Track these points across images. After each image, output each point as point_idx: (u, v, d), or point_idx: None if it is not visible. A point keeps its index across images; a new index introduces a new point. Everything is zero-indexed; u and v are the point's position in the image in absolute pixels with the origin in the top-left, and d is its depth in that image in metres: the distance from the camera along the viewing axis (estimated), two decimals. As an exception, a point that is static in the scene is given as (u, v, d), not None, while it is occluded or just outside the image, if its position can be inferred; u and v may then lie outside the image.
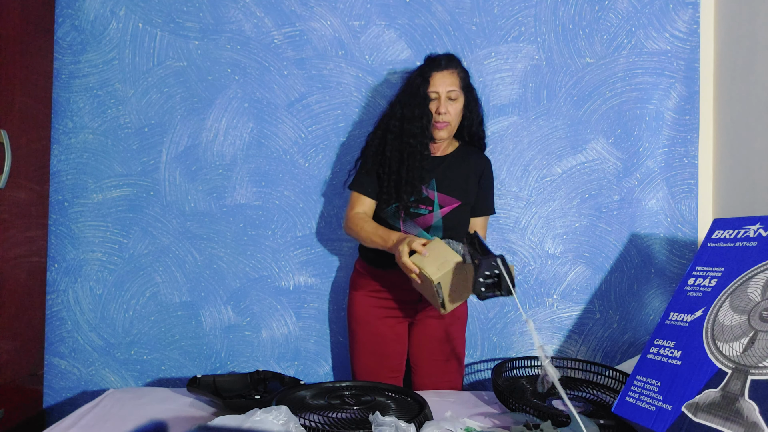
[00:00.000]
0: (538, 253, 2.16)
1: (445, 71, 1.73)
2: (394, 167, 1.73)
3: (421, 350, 1.86)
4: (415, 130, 1.71)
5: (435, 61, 1.75)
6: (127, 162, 2.16)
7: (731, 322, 1.17)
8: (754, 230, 1.31)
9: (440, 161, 1.80)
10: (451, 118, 1.74)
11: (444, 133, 1.75)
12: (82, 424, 1.36)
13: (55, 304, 2.15)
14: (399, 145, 1.73)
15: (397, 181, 1.72)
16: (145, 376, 2.16)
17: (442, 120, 1.72)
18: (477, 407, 1.51)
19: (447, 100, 1.72)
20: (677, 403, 1.13)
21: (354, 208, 1.80)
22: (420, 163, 1.72)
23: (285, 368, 2.15)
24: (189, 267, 2.15)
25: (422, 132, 1.71)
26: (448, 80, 1.72)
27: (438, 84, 1.71)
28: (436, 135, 1.75)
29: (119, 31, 2.15)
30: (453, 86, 1.72)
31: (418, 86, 1.72)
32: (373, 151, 1.79)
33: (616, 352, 2.15)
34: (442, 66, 1.73)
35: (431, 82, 1.71)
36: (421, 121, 1.70)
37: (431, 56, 1.78)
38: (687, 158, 2.15)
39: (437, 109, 1.71)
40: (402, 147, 1.72)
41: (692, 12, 2.13)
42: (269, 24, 2.15)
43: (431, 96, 1.72)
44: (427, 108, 1.71)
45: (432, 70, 1.72)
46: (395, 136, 1.74)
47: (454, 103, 1.74)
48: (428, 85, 1.71)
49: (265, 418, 1.16)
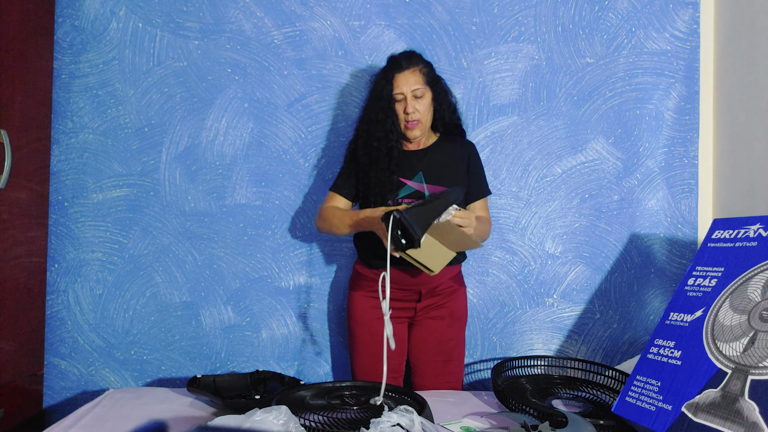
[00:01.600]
0: (538, 253, 2.16)
1: (407, 71, 1.74)
2: (365, 169, 1.77)
3: (420, 350, 1.86)
4: (380, 133, 1.74)
5: (396, 62, 1.76)
6: (127, 162, 2.16)
7: (731, 322, 1.17)
8: (754, 230, 1.31)
9: (423, 154, 1.82)
10: (421, 116, 1.76)
11: (417, 131, 1.78)
12: (82, 424, 1.36)
13: (55, 304, 2.15)
14: (368, 149, 1.77)
15: (367, 182, 1.77)
16: (145, 376, 2.16)
17: (412, 119, 1.75)
18: (477, 407, 1.51)
19: (413, 98, 1.74)
20: (677, 403, 1.13)
21: (327, 202, 1.86)
22: (387, 164, 1.74)
23: (285, 368, 2.15)
24: (189, 267, 2.15)
25: (387, 135, 1.74)
26: (411, 79, 1.73)
27: (401, 85, 1.73)
28: (410, 134, 1.78)
29: (119, 31, 2.15)
30: (417, 84, 1.74)
31: (382, 89, 1.74)
32: (349, 156, 1.85)
33: (616, 352, 2.15)
34: (403, 66, 1.74)
35: (395, 84, 1.73)
36: (385, 124, 1.74)
37: (392, 57, 1.79)
38: (687, 158, 2.15)
39: (405, 109, 1.74)
40: (370, 150, 1.76)
41: (692, 12, 2.13)
42: (269, 24, 2.15)
43: (397, 98, 1.74)
44: (392, 110, 1.74)
45: (393, 72, 1.74)
46: (364, 140, 1.78)
47: (421, 100, 1.76)
48: (392, 87, 1.73)
49: (265, 418, 1.16)
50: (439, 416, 1.40)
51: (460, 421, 1.39)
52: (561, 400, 1.52)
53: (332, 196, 1.87)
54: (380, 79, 1.77)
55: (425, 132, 1.82)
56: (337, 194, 1.85)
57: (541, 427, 1.18)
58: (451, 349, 1.85)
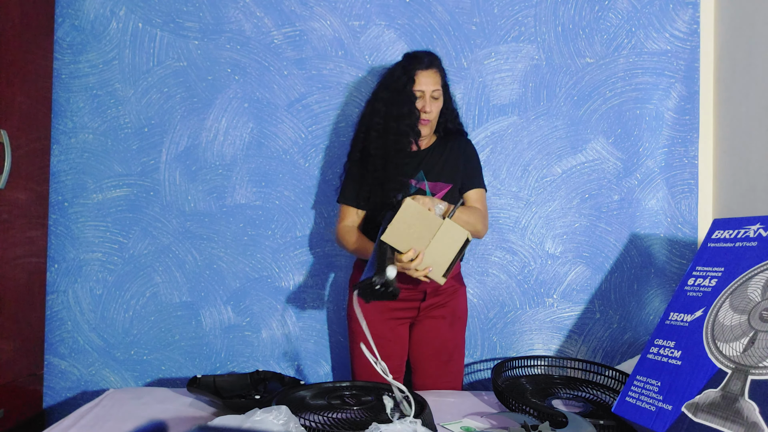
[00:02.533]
0: (538, 253, 2.16)
1: (429, 70, 1.73)
2: (379, 165, 1.73)
3: (421, 350, 1.86)
4: (402, 128, 1.71)
5: (418, 58, 1.75)
6: (127, 162, 2.16)
7: (731, 322, 1.17)
8: (754, 230, 1.31)
9: (424, 154, 1.82)
10: (433, 117, 1.76)
11: (425, 130, 1.77)
12: (82, 424, 1.36)
13: (55, 305, 2.15)
14: (383, 143, 1.73)
15: (382, 179, 1.73)
16: (145, 376, 2.16)
17: (425, 118, 1.74)
18: (477, 407, 1.51)
19: (431, 99, 1.74)
20: (677, 403, 1.13)
21: (342, 220, 1.83)
22: (405, 159, 1.74)
23: (285, 368, 2.15)
24: (189, 267, 2.15)
25: (409, 130, 1.72)
26: (432, 79, 1.73)
27: (423, 83, 1.72)
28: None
29: (119, 31, 2.15)
30: (436, 86, 1.74)
31: (404, 84, 1.71)
32: (357, 154, 1.80)
33: (616, 352, 2.15)
34: (426, 64, 1.73)
35: (417, 80, 1.72)
36: (409, 118, 1.71)
37: (413, 54, 1.78)
38: (687, 158, 2.15)
39: (423, 107, 1.73)
40: (387, 144, 1.73)
41: (692, 12, 2.13)
42: (269, 24, 2.15)
43: (416, 94, 1.72)
44: (414, 106, 1.72)
45: (416, 68, 1.72)
46: (379, 134, 1.75)
47: (437, 102, 1.76)
48: (413, 83, 1.71)
49: (265, 418, 1.16)
50: (439, 416, 1.40)
51: (460, 421, 1.39)
52: (561, 400, 1.52)
53: (345, 210, 1.82)
54: (400, 74, 1.73)
55: (430, 134, 1.82)
56: (350, 207, 1.81)
57: (541, 427, 1.18)
58: (452, 349, 1.85)
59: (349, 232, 1.79)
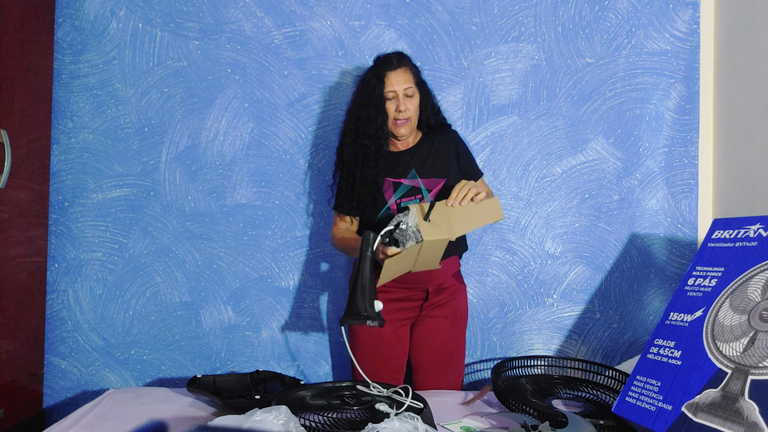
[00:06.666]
0: (538, 253, 2.16)
1: (399, 69, 1.74)
2: (350, 169, 1.77)
3: (421, 350, 1.86)
4: (369, 131, 1.74)
5: (386, 60, 1.76)
6: (127, 162, 2.16)
7: (731, 322, 1.17)
8: (754, 230, 1.31)
9: (412, 152, 1.82)
10: (411, 114, 1.76)
11: (405, 129, 1.77)
12: (82, 424, 1.36)
13: (55, 304, 2.15)
14: (355, 147, 1.76)
15: (351, 182, 1.77)
16: (145, 376, 2.16)
17: (402, 117, 1.74)
18: (477, 407, 1.51)
19: (405, 97, 1.74)
20: (677, 403, 1.13)
21: (336, 225, 1.88)
22: (374, 163, 1.75)
23: (285, 368, 2.15)
24: (189, 267, 2.15)
25: (377, 133, 1.74)
26: (403, 78, 1.73)
27: (394, 83, 1.72)
28: (398, 132, 1.77)
29: (119, 31, 2.15)
30: (408, 83, 1.74)
31: (373, 87, 1.73)
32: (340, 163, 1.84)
33: (616, 352, 2.15)
34: (395, 65, 1.74)
35: (386, 82, 1.72)
36: (376, 121, 1.73)
37: (381, 56, 1.79)
38: (687, 158, 2.15)
39: (397, 107, 1.73)
40: (357, 149, 1.76)
41: (692, 12, 2.13)
42: (269, 24, 2.15)
43: (388, 96, 1.73)
44: (383, 108, 1.73)
45: (385, 70, 1.73)
46: (352, 140, 1.78)
47: (412, 99, 1.76)
48: (383, 85, 1.72)
49: (265, 418, 1.16)
50: (439, 416, 1.40)
51: (460, 421, 1.39)
52: (561, 400, 1.52)
53: (338, 218, 1.87)
54: (370, 78, 1.75)
55: (412, 131, 1.82)
56: (343, 214, 1.84)
57: (541, 427, 1.18)
58: (453, 348, 1.85)
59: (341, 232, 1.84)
